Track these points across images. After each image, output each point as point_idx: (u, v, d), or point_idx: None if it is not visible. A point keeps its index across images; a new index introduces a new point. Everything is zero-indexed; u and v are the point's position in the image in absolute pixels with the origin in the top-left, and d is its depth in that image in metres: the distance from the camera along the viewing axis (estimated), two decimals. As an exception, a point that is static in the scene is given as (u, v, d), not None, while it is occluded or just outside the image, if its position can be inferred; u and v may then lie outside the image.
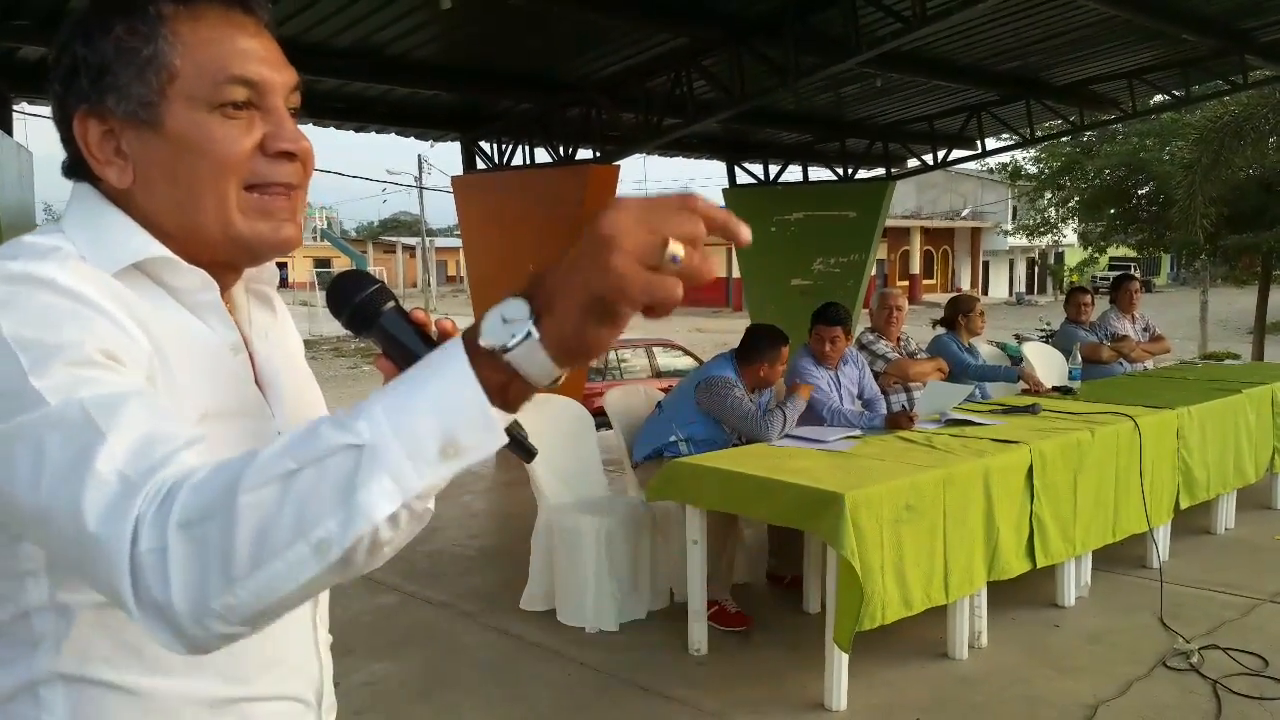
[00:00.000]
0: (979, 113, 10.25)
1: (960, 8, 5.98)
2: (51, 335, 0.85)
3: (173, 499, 0.75)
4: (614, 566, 4.58)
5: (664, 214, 0.73)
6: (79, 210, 1.02)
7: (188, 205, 0.99)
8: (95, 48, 0.98)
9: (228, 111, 0.98)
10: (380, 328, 0.96)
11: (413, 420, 0.74)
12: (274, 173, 1.01)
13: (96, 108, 0.98)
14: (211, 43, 0.99)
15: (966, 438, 4.56)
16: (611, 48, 7.25)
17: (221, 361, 1.04)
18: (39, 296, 0.88)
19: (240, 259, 1.06)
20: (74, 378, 0.83)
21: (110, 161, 0.99)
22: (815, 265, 11.22)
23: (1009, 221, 43.27)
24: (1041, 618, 4.64)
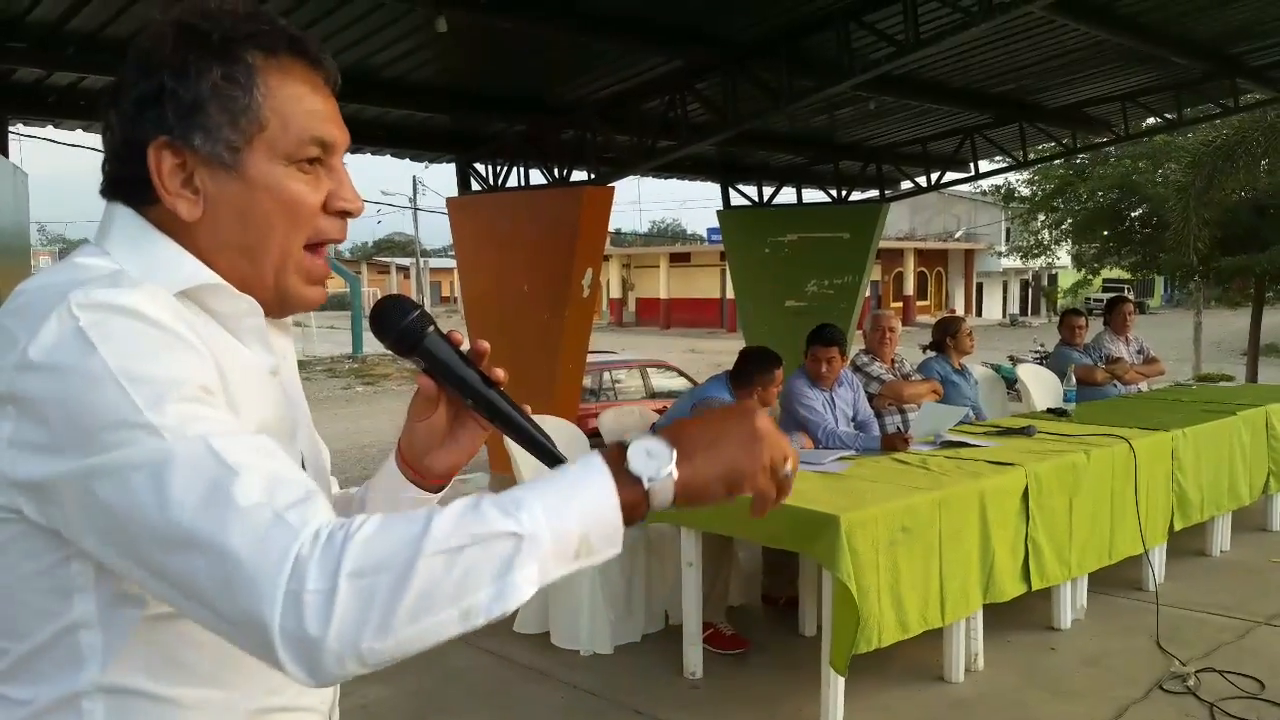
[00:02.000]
0: (972, 135, 10.31)
1: (953, 32, 6.02)
2: (155, 369, 0.88)
3: (340, 547, 0.82)
4: (608, 589, 4.55)
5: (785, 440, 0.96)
6: (125, 234, 1.03)
7: (252, 249, 1.04)
8: (189, 85, 1.00)
9: (303, 167, 1.04)
10: (424, 349, 1.08)
11: (564, 523, 0.87)
12: (330, 229, 1.08)
13: (177, 141, 1.00)
14: (296, 100, 1.04)
15: (961, 460, 4.56)
16: (606, 71, 7.29)
17: (265, 384, 1.08)
18: (130, 325, 0.90)
19: (271, 309, 1.09)
20: (188, 414, 0.87)
21: (180, 194, 1.01)
22: (809, 287, 11.24)
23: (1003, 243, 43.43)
24: (1037, 640, 4.62)
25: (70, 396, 0.86)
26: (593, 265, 7.91)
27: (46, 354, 0.87)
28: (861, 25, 6.33)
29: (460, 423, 1.16)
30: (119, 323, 0.89)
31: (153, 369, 0.88)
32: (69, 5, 5.27)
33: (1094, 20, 6.75)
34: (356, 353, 25.15)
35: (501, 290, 8.28)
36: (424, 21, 5.69)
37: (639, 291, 44.30)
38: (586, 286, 7.78)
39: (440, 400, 1.13)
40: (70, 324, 0.88)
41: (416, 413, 1.15)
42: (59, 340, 0.88)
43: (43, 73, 6.29)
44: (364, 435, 12.80)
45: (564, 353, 7.86)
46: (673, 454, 0.90)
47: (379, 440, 12.68)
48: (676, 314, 41.31)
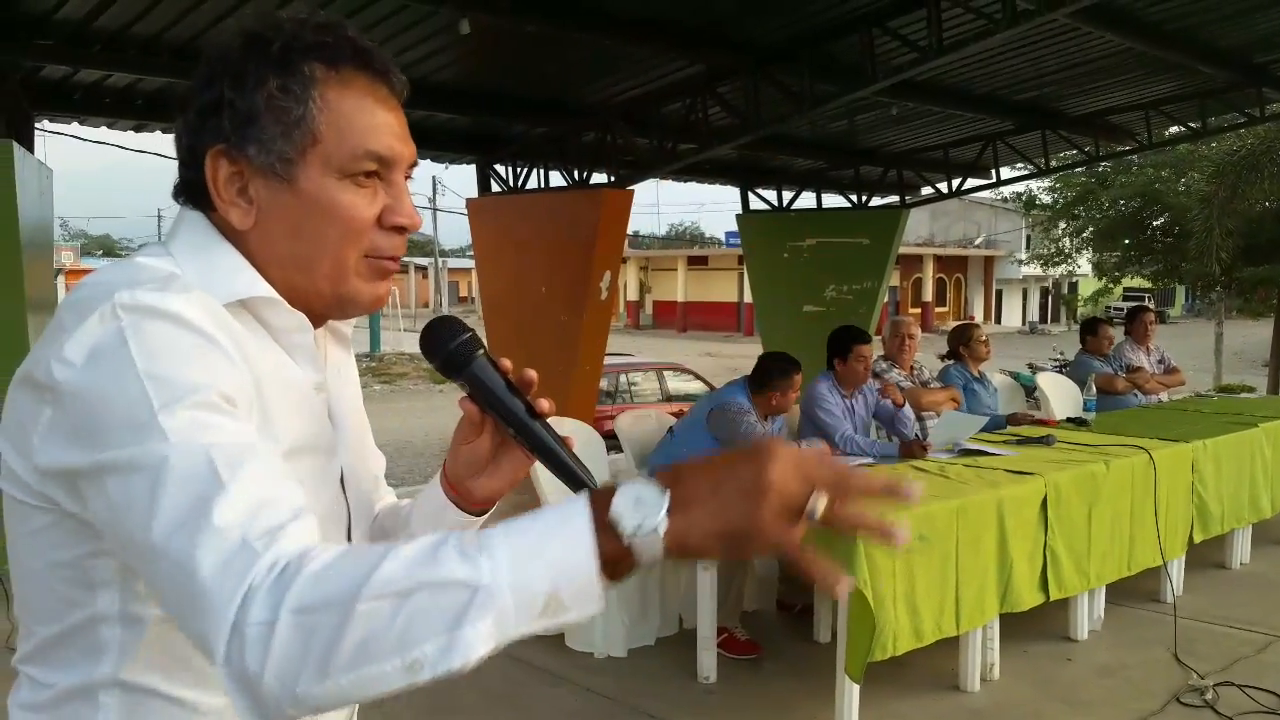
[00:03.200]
0: (994, 142, 10.26)
1: (976, 38, 6.00)
2: (180, 373, 0.89)
3: (289, 580, 0.79)
4: (623, 592, 4.55)
5: (818, 469, 0.80)
6: (190, 238, 1.04)
7: (304, 261, 1.04)
8: (246, 96, 1.00)
9: (358, 180, 1.03)
10: (471, 374, 1.07)
11: (529, 575, 0.78)
12: (387, 245, 1.06)
13: (233, 150, 1.01)
14: (354, 113, 1.03)
15: (980, 468, 4.53)
16: (628, 74, 7.30)
17: (307, 399, 1.08)
18: (168, 330, 0.91)
19: (333, 314, 1.11)
20: (198, 422, 0.88)
21: (235, 203, 1.02)
22: (828, 292, 11.22)
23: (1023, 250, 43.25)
24: (1054, 651, 4.59)
25: (97, 391, 0.88)
26: (611, 268, 7.92)
27: (84, 349, 0.89)
28: (885, 31, 6.32)
29: (505, 449, 1.13)
30: (156, 326, 0.91)
31: (177, 372, 0.89)
32: (96, 3, 5.32)
33: (1119, 28, 6.72)
34: (374, 351, 25.23)
35: (520, 292, 8.30)
36: (448, 24, 5.72)
37: (656, 294, 44.32)
38: (604, 289, 7.79)
39: (485, 426, 1.11)
40: (111, 323, 0.90)
41: (461, 436, 1.13)
42: (98, 338, 0.90)
43: (69, 70, 6.34)
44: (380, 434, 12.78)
45: (581, 354, 7.86)
46: (665, 502, 0.79)
47: (393, 439, 12.74)
48: (693, 317, 41.29)
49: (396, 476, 10.80)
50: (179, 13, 5.53)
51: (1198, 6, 6.68)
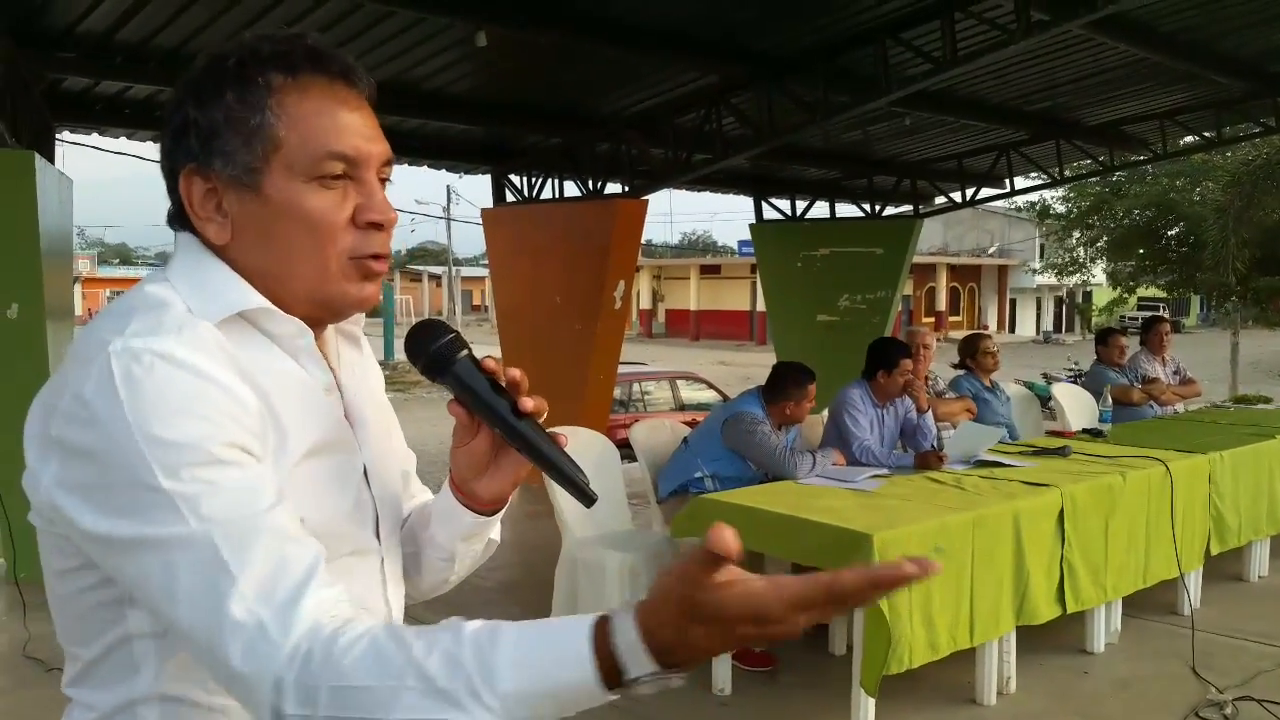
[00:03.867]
0: (1008, 152, 10.25)
1: (991, 49, 6.01)
2: (178, 427, 0.91)
3: (315, 677, 0.85)
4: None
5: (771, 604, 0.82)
6: (183, 260, 1.06)
7: (281, 268, 1.05)
8: (207, 112, 1.03)
9: (325, 183, 1.03)
10: (454, 375, 1.06)
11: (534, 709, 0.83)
12: (366, 244, 1.06)
13: (202, 167, 1.03)
14: (314, 116, 1.03)
15: (996, 480, 4.53)
16: (642, 85, 7.32)
17: (318, 401, 1.09)
18: (161, 376, 0.92)
19: (323, 316, 1.11)
20: (202, 484, 0.90)
21: (210, 218, 1.04)
22: (841, 301, 11.21)
23: (1037, 260, 43.09)
24: (1071, 664, 4.57)
25: (97, 451, 0.91)
26: (625, 277, 7.93)
27: (83, 404, 0.92)
28: (899, 42, 6.32)
29: (503, 450, 1.14)
30: (150, 372, 0.92)
31: (175, 427, 0.90)
32: (118, 16, 5.37)
33: (1134, 39, 6.71)
34: (388, 359, 25.31)
35: (534, 301, 8.32)
36: (464, 36, 5.75)
37: (669, 303, 44.32)
38: (618, 298, 7.80)
39: (478, 427, 1.11)
40: (105, 373, 0.91)
41: (457, 439, 1.14)
42: (95, 391, 0.91)
43: (90, 81, 6.40)
44: (394, 442, 12.85)
45: (595, 364, 7.88)
46: (650, 657, 0.83)
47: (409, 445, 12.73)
48: (706, 326, 41.28)
49: (410, 485, 10.79)
50: (200, 25, 5.58)
51: (1212, 17, 6.67)
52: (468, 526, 1.20)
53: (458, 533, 1.22)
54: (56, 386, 0.97)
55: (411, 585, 1.28)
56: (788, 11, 6.08)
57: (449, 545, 1.23)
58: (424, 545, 1.24)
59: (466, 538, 1.23)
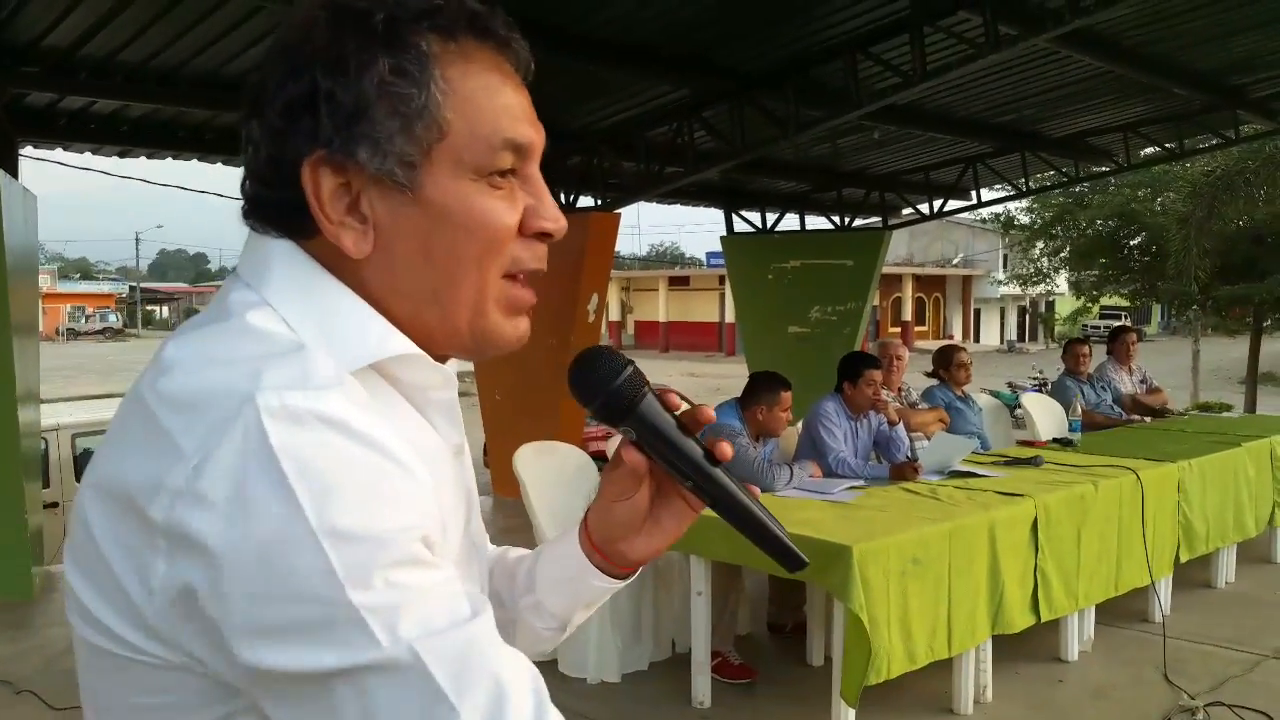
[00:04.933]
0: (975, 164, 10.37)
1: (960, 64, 6.08)
2: (365, 519, 0.69)
3: None
4: (616, 616, 4.54)
5: None
6: (290, 280, 0.81)
7: (441, 290, 0.82)
8: (350, 84, 0.78)
9: (494, 180, 0.82)
10: (639, 417, 0.86)
11: None
12: (530, 257, 0.85)
13: (338, 156, 0.79)
14: (482, 95, 0.82)
15: (971, 490, 4.56)
16: (615, 98, 7.34)
17: (453, 471, 0.88)
18: (335, 452, 0.69)
19: (468, 354, 0.88)
20: (398, 591, 0.69)
21: (344, 223, 0.80)
22: (812, 313, 11.27)
23: (1001, 270, 43.54)
24: (1045, 672, 4.61)
25: (255, 557, 0.67)
26: (598, 290, 7.94)
27: (227, 488, 0.67)
28: (869, 56, 6.38)
29: (664, 502, 0.95)
30: (322, 448, 0.69)
31: (363, 521, 0.68)
32: (81, 32, 5.31)
33: (1098, 52, 6.82)
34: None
35: (508, 315, 8.29)
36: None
37: (638, 314, 44.38)
38: (592, 311, 7.81)
39: (646, 477, 0.92)
40: (260, 447, 0.68)
41: (616, 491, 0.93)
42: (245, 470, 0.67)
43: (54, 97, 6.32)
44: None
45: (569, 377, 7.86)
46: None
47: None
48: (675, 337, 41.36)
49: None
50: (166, 40, 5.53)
51: (1175, 31, 6.79)
52: (596, 593, 1.01)
53: (582, 599, 1.02)
54: (143, 444, 0.72)
55: None
56: (758, 26, 6.12)
57: (565, 614, 1.04)
58: (523, 613, 1.04)
59: (590, 604, 1.04)
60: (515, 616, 1.05)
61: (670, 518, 0.95)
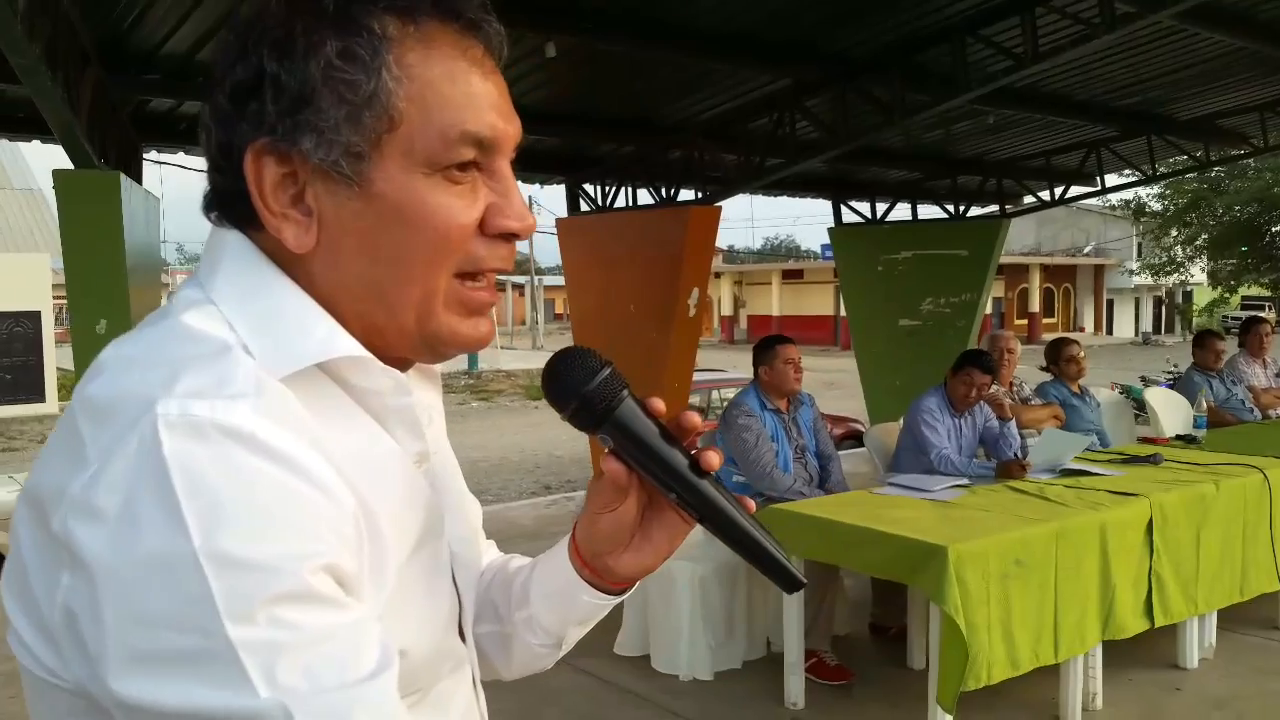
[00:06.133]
0: (1098, 148, 9.93)
1: (1074, 45, 5.81)
2: (255, 545, 0.63)
3: None
4: (708, 614, 4.50)
5: None
6: (235, 274, 0.77)
7: (387, 290, 0.77)
8: (295, 68, 0.74)
9: (452, 175, 0.77)
10: (616, 422, 0.80)
11: None
12: (490, 256, 0.80)
13: (280, 145, 0.74)
14: (443, 83, 0.76)
15: (1082, 489, 4.37)
16: (713, 90, 7.27)
17: (410, 480, 0.83)
18: (233, 467, 0.64)
19: (422, 357, 0.84)
20: (283, 630, 0.63)
21: (287, 215, 0.76)
22: (924, 305, 10.96)
23: (1134, 259, 41.79)
24: (1161, 680, 4.38)
25: (136, 576, 0.62)
26: (699, 284, 7.88)
27: (117, 501, 0.63)
28: (978, 39, 6.16)
29: (655, 514, 0.89)
30: (219, 463, 0.64)
31: (253, 545, 0.63)
32: (197, 38, 5.53)
33: (1228, 28, 6.42)
34: (472, 369, 25.69)
35: (608, 310, 8.32)
36: (534, 47, 5.78)
37: (751, 309, 44.09)
38: (693, 306, 7.76)
39: (632, 488, 0.85)
40: (153, 459, 0.63)
41: (599, 503, 0.87)
42: (135, 484, 0.63)
43: (174, 102, 6.60)
44: (476, 451, 13.04)
45: (670, 372, 7.84)
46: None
47: (491, 456, 12.90)
48: (789, 331, 40.14)
49: (493, 493, 10.92)
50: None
51: (1315, 1, 6.34)
52: (588, 609, 0.96)
53: (574, 616, 0.98)
54: (65, 450, 0.67)
55: (490, 669, 1.03)
56: (862, 11, 5.98)
57: (558, 630, 0.99)
58: (518, 628, 1.00)
59: (584, 621, 0.99)
60: (510, 631, 1.01)
61: (661, 532, 0.89)
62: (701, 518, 0.83)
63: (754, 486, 4.66)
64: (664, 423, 0.82)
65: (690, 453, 0.82)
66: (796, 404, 4.99)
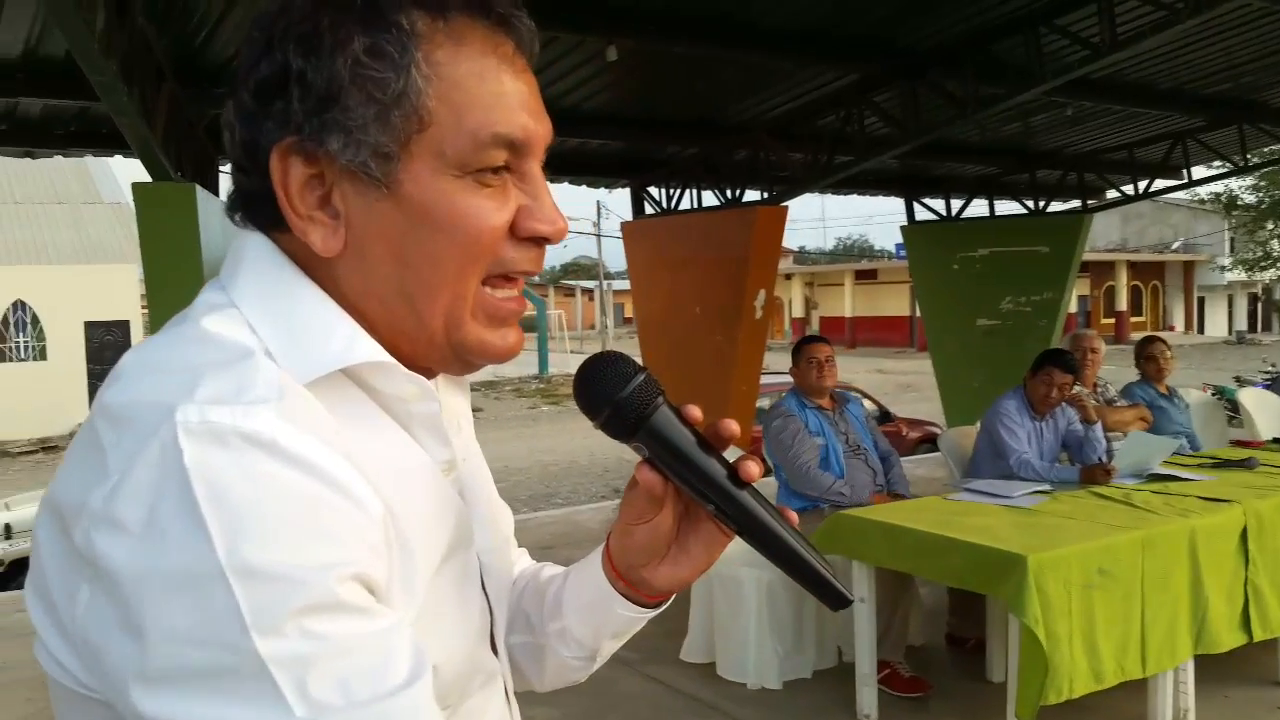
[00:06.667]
0: (1184, 139, 9.57)
1: (1155, 31, 5.57)
2: (282, 555, 0.61)
3: None
4: (776, 621, 4.40)
5: None
6: (257, 276, 0.76)
7: (415, 296, 0.75)
8: (322, 65, 0.72)
9: (483, 177, 0.75)
10: (651, 430, 0.77)
11: None
12: (519, 260, 0.78)
13: (307, 145, 0.73)
14: (473, 81, 0.74)
15: (1170, 495, 4.18)
16: (778, 89, 7.17)
17: (438, 490, 0.81)
18: (255, 476, 0.62)
19: (450, 368, 0.83)
20: (313, 642, 0.61)
21: (314, 218, 0.74)
22: (1004, 304, 10.69)
23: (1226, 254, 40.41)
24: (1260, 697, 4.17)
25: (158, 589, 0.60)
26: (765, 286, 7.78)
27: (140, 512, 0.61)
28: (1053, 28, 5.96)
29: (693, 526, 0.85)
30: (240, 469, 0.62)
31: (280, 555, 0.61)
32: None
33: (1324, 7, 6.11)
34: (542, 373, 25.91)
35: (674, 313, 8.26)
36: (595, 51, 5.75)
37: (823, 310, 43.68)
38: (759, 307, 7.65)
39: (667, 499, 0.82)
40: (174, 468, 0.61)
41: (634, 514, 0.84)
42: (157, 495, 0.61)
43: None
44: (546, 454, 13.09)
45: (737, 375, 7.75)
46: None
47: (560, 459, 12.94)
48: (862, 333, 40.47)
49: (562, 496, 10.94)
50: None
51: None
52: (623, 622, 0.93)
53: (608, 629, 0.94)
54: (85, 460, 0.66)
55: (522, 680, 1.01)
56: (932, 3, 5.83)
57: (592, 643, 0.96)
58: (551, 639, 0.97)
59: (619, 634, 0.96)
60: (543, 642, 0.98)
61: (699, 544, 0.86)
62: (741, 530, 0.80)
63: (795, 488, 4.62)
64: (701, 431, 0.79)
65: (729, 462, 0.79)
66: (841, 401, 4.96)
